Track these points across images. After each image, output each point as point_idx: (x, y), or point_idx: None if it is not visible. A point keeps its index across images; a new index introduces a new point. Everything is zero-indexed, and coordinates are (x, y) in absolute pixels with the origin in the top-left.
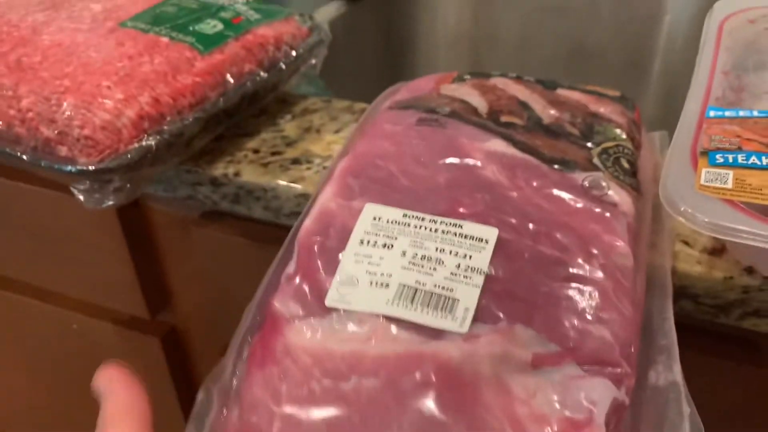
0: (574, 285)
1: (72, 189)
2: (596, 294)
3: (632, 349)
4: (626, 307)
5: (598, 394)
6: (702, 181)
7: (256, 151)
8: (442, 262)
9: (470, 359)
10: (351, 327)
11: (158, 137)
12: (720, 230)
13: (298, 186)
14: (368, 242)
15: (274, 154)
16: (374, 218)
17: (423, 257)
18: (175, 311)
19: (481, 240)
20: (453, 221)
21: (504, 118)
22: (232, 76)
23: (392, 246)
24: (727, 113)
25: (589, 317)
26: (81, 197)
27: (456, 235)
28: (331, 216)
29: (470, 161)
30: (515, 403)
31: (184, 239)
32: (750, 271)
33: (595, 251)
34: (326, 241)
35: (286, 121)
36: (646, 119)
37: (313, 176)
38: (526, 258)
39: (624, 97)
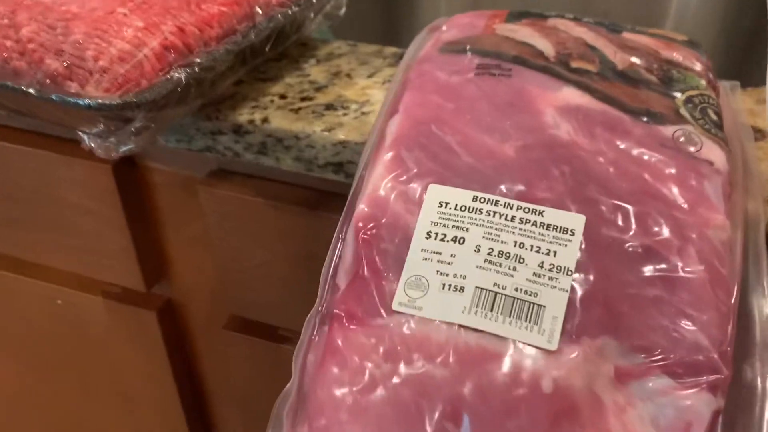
0: (664, 282)
1: (80, 134)
2: (690, 290)
3: (729, 348)
4: (723, 301)
5: (694, 412)
6: None
7: (282, 97)
8: (523, 260)
9: (559, 380)
10: (423, 337)
11: (188, 70)
12: None
13: (336, 133)
14: (436, 235)
15: (304, 99)
16: (440, 204)
17: (500, 253)
18: (172, 281)
19: (566, 230)
20: (532, 207)
21: (574, 64)
22: (260, 8)
23: (464, 240)
24: None
25: (681, 320)
26: (92, 144)
27: (537, 225)
28: (387, 202)
29: (543, 120)
30: (608, 424)
31: (188, 201)
32: None
33: (691, 234)
34: (386, 232)
35: (311, 65)
36: None
37: (352, 122)
38: (611, 249)
39: (693, 42)
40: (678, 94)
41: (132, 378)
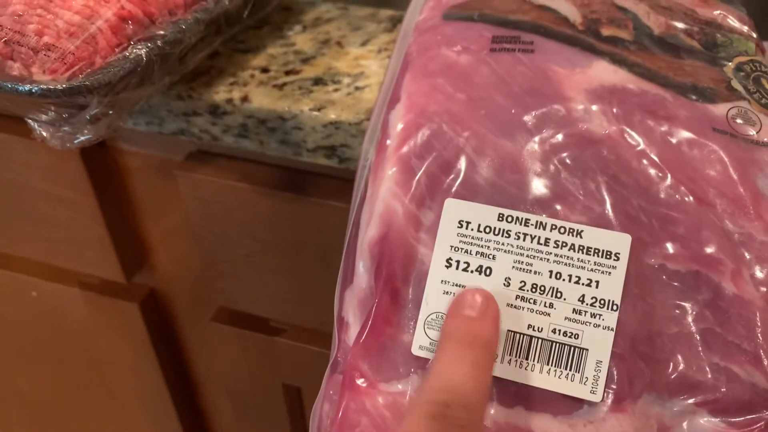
0: (715, 312)
1: (29, 122)
2: (745, 322)
3: None
4: None
5: None
6: None
7: (265, 70)
8: (561, 294)
9: None
10: None
11: (149, 45)
12: None
13: (326, 112)
14: (457, 264)
15: (289, 73)
16: (459, 224)
17: (534, 287)
18: (154, 271)
19: (610, 255)
20: (569, 226)
21: (605, 31)
22: None
23: (490, 270)
24: None
25: (734, 356)
26: (43, 133)
27: (575, 249)
28: (399, 223)
29: (572, 110)
30: None
31: (165, 187)
32: None
33: (745, 253)
34: (399, 264)
35: (296, 33)
36: None
37: (345, 99)
38: (656, 278)
39: None
40: (727, 63)
41: (117, 371)
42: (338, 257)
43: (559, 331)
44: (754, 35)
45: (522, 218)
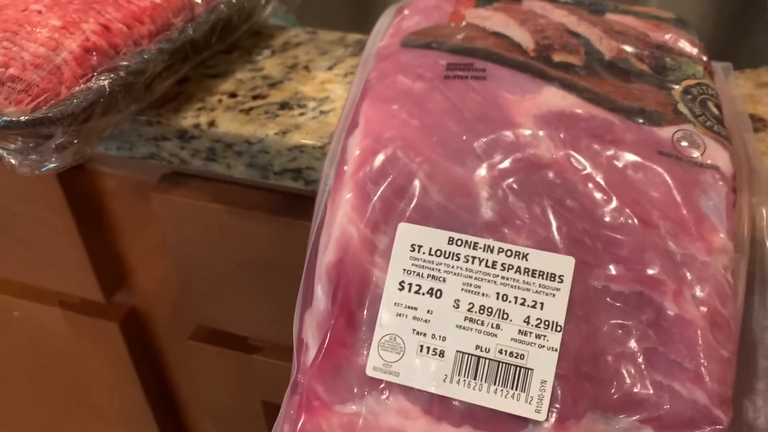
0: (658, 332)
1: None
2: (686, 341)
3: (730, 393)
4: (725, 346)
5: None
6: None
7: (232, 95)
8: (507, 316)
9: None
10: (400, 408)
11: (112, 76)
12: None
13: (291, 136)
14: (410, 287)
15: (256, 97)
16: (412, 247)
17: (482, 309)
18: (134, 290)
19: (554, 277)
20: (516, 249)
21: (557, 57)
22: None
23: (441, 293)
24: None
25: (677, 374)
26: (12, 161)
27: (521, 271)
28: (355, 247)
29: (521, 136)
30: None
31: (142, 207)
32: None
33: (687, 273)
34: (355, 282)
35: (265, 57)
36: None
37: (310, 123)
38: (600, 299)
39: (683, 21)
40: (674, 86)
41: (99, 390)
42: None
43: (506, 351)
44: (704, 58)
45: (471, 242)
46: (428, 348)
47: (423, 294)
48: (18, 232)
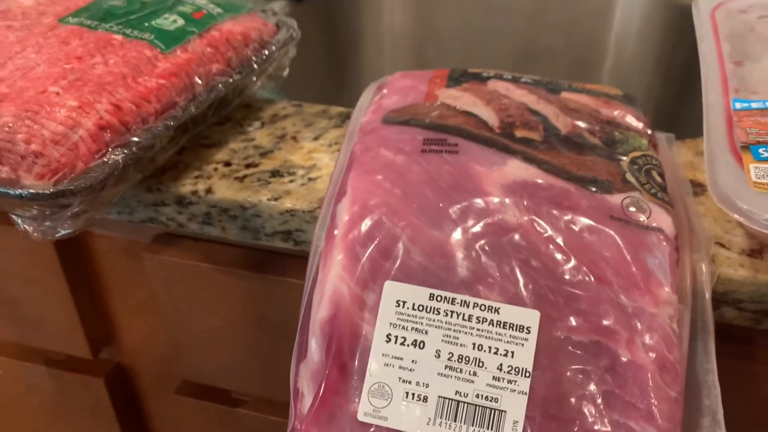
0: (614, 376)
1: (14, 218)
2: (638, 383)
3: (678, 429)
4: (673, 387)
5: None
6: (754, 178)
7: (227, 164)
8: (483, 364)
9: None
10: None
11: (125, 151)
12: None
13: (283, 202)
14: (396, 339)
15: (249, 166)
16: (397, 303)
17: (460, 358)
18: (120, 347)
19: (522, 328)
20: (488, 304)
21: (519, 133)
22: (200, 78)
23: (423, 344)
24: (754, 104)
25: (631, 413)
26: (27, 227)
27: (494, 323)
28: (346, 304)
29: (490, 203)
30: None
31: (132, 266)
32: None
33: (637, 323)
34: (346, 336)
35: (256, 128)
36: None
37: (299, 189)
38: (563, 348)
39: (629, 97)
40: (622, 157)
41: None
42: (296, 329)
43: (482, 395)
44: (649, 132)
45: (449, 297)
46: (413, 394)
47: (408, 345)
48: (8, 292)
